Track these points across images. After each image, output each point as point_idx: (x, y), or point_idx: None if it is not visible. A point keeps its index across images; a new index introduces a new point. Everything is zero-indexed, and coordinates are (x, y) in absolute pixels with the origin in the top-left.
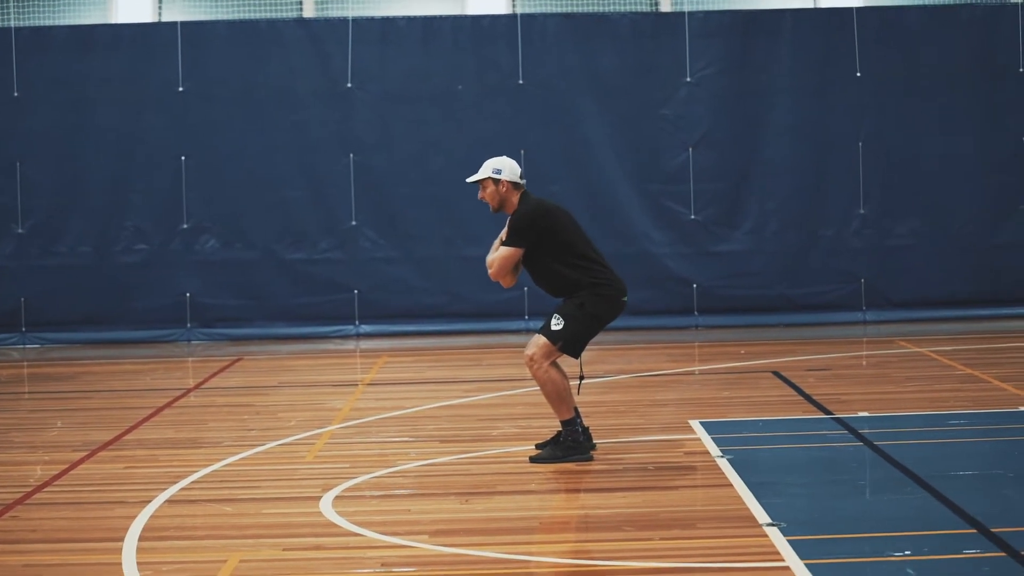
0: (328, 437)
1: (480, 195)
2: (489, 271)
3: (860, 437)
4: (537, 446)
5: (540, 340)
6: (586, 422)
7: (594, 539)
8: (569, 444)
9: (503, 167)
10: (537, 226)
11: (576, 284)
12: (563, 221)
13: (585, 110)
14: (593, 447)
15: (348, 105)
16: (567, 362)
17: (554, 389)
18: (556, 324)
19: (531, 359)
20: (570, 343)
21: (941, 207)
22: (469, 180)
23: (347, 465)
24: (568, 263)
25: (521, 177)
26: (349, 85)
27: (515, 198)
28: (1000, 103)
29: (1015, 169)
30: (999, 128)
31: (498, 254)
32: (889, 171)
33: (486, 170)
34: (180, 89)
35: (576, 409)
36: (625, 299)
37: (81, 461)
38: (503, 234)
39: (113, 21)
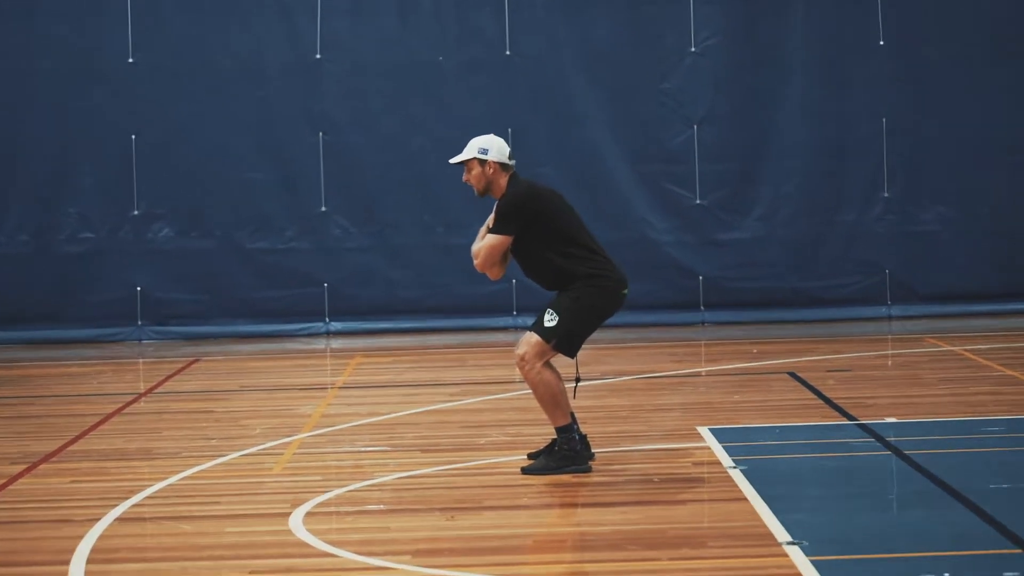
0: (297, 447)
1: (464, 177)
2: (475, 262)
3: (887, 445)
4: (529, 456)
5: (532, 338)
6: (583, 429)
7: (592, 559)
8: (565, 453)
9: (490, 147)
10: (527, 211)
11: (571, 275)
12: (556, 205)
13: (578, 84)
14: (591, 457)
15: (317, 79)
16: (562, 363)
17: (548, 392)
18: (549, 320)
19: (522, 359)
20: (565, 340)
21: (974, 190)
22: (452, 161)
23: (318, 478)
24: (562, 252)
25: (510, 158)
26: (318, 56)
27: (503, 181)
28: None
29: None
30: None
31: (484, 243)
32: (916, 150)
33: (471, 150)
34: (130, 60)
35: (573, 415)
36: (626, 291)
37: (21, 475)
38: (490, 220)
39: None
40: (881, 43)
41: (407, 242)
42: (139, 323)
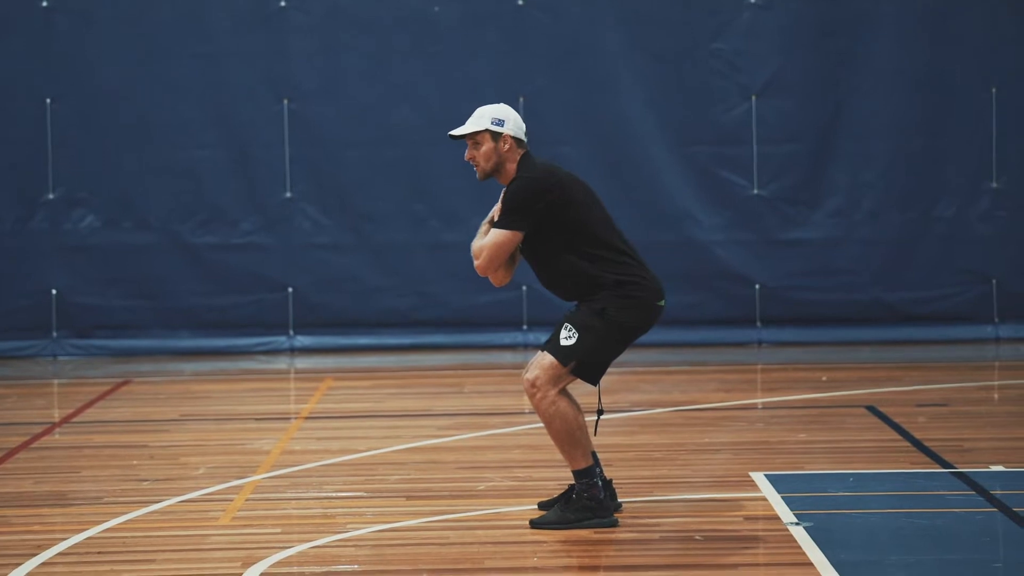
0: (251, 491)
1: (468, 154)
2: (475, 262)
3: (991, 500)
4: (540, 506)
5: (545, 360)
6: (609, 473)
7: None
8: (585, 503)
9: (506, 117)
10: (543, 201)
11: (595, 283)
12: (579, 196)
13: (608, 44)
14: (618, 508)
15: (280, 32)
16: (582, 389)
17: (564, 427)
18: (567, 338)
19: (533, 385)
20: (586, 364)
21: None
22: (456, 133)
23: (277, 530)
24: (584, 253)
25: (525, 134)
26: (283, 4)
27: (515, 162)
28: None
29: None
30: None
31: (487, 240)
32: None
33: (482, 120)
34: (44, 4)
35: (595, 455)
36: (663, 303)
37: None
38: (495, 211)
39: None
40: None
41: (392, 238)
42: (54, 335)
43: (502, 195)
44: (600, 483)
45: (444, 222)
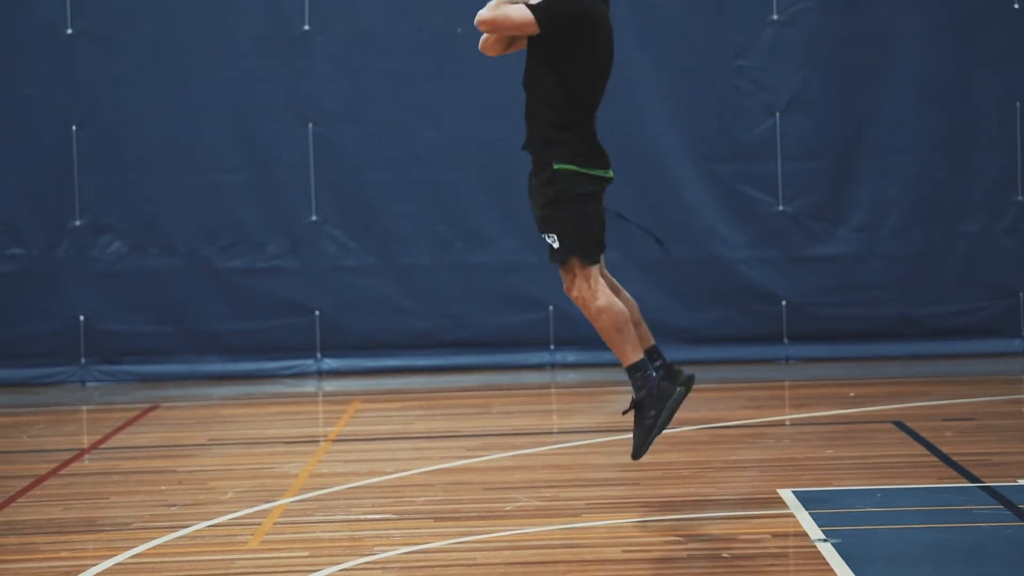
0: (279, 514)
1: None
2: (481, 12)
3: (1020, 514)
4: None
5: (562, 273)
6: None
7: None
8: (648, 402)
9: None
10: (573, 16)
11: (558, 127)
12: (601, 38)
13: (630, 62)
14: (680, 375)
15: (304, 56)
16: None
17: (611, 321)
18: (553, 242)
19: (578, 297)
20: (580, 245)
21: None
22: None
23: (305, 553)
24: (569, 93)
25: None
26: (306, 28)
27: None
28: None
29: None
30: None
31: (507, 7)
32: None
33: None
34: (69, 32)
35: (656, 349)
36: (610, 173)
37: None
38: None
39: None
40: (1016, 5)
41: (417, 260)
42: (82, 361)
43: None
44: (651, 374)
45: (469, 244)
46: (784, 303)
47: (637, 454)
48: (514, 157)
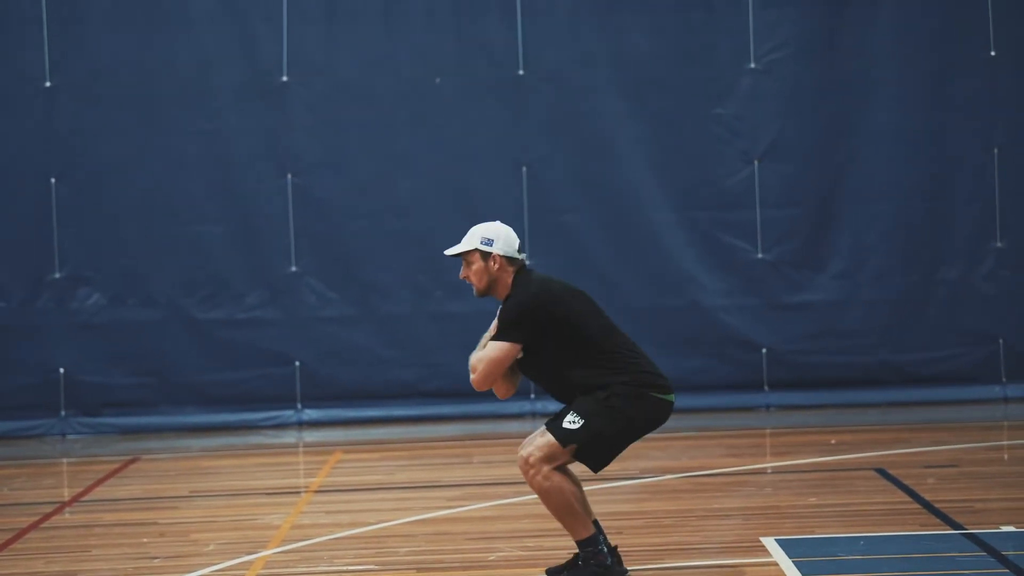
0: (261, 566)
1: (462, 273)
2: (472, 376)
3: (1003, 561)
4: (549, 572)
5: (544, 439)
6: (616, 539)
7: None
8: (593, 570)
9: (495, 236)
10: (540, 317)
11: (600, 388)
12: (577, 308)
13: (609, 111)
14: (625, 574)
15: (283, 107)
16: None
17: (561, 501)
18: (572, 422)
19: (526, 462)
20: (589, 449)
21: None
22: (449, 253)
23: None
24: (587, 365)
25: (520, 251)
26: (285, 79)
27: (509, 278)
28: None
29: None
30: None
31: (484, 352)
32: None
33: (472, 240)
34: (47, 85)
35: (597, 523)
36: (671, 399)
37: None
38: (494, 326)
39: None
40: (992, 53)
41: (397, 310)
42: (62, 414)
43: (499, 312)
44: (605, 550)
45: (449, 292)
46: (764, 351)
47: None
48: (492, 204)
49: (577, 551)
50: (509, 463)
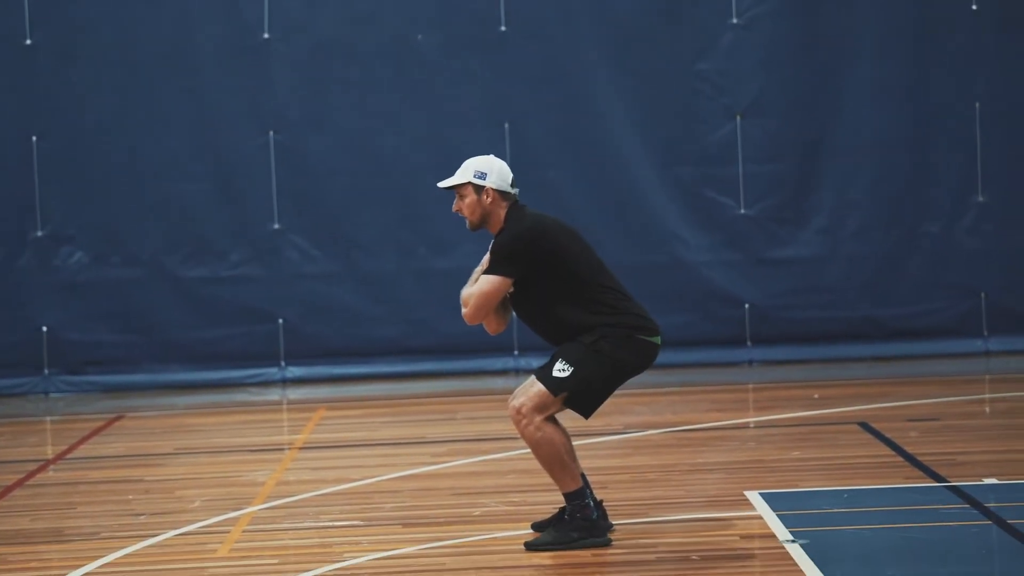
0: (247, 522)
1: (455, 206)
2: (463, 310)
3: (986, 513)
4: (534, 527)
5: (534, 388)
6: (602, 494)
7: None
8: (578, 523)
9: (489, 170)
10: (532, 251)
11: (588, 327)
12: (568, 245)
13: (592, 67)
14: (611, 528)
15: (265, 64)
16: (570, 414)
17: (552, 453)
18: (561, 370)
19: (518, 412)
20: (580, 396)
21: None
22: (442, 185)
23: (275, 561)
24: (576, 301)
25: (513, 185)
26: (266, 36)
27: (502, 212)
28: None
29: None
30: None
31: (475, 287)
32: (1017, 143)
33: (465, 172)
34: (28, 42)
35: (584, 477)
36: (658, 341)
37: None
38: (485, 261)
39: None
40: (974, 7)
41: (381, 267)
42: (45, 372)
43: (491, 245)
44: (591, 503)
45: (432, 249)
46: (747, 306)
47: (533, 547)
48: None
49: (563, 506)
50: (493, 419)
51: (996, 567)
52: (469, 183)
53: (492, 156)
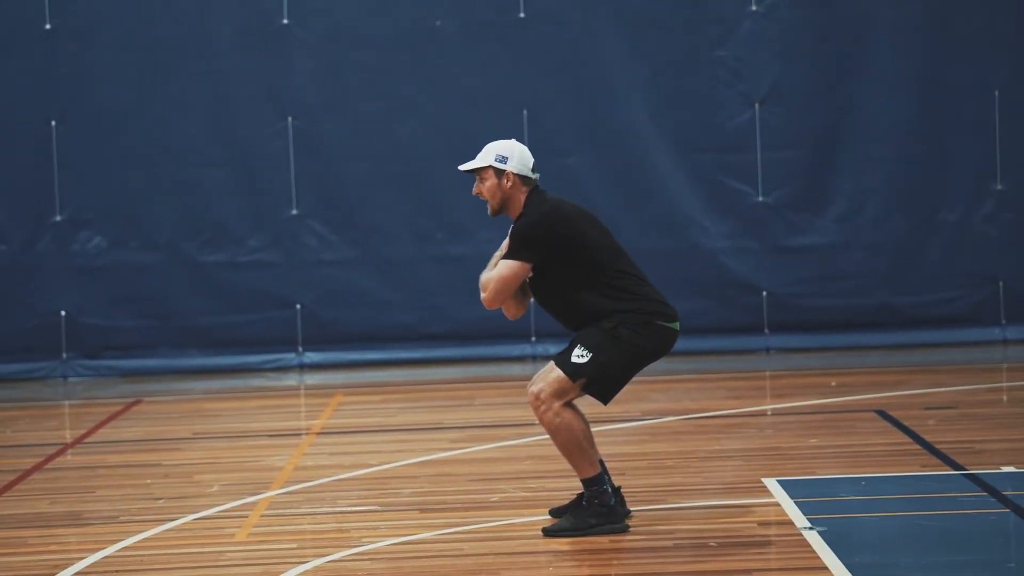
0: (265, 507)
1: (475, 189)
2: (482, 295)
3: (1004, 500)
4: (552, 513)
5: (553, 373)
6: (618, 481)
7: None
8: (596, 510)
9: (510, 154)
10: (551, 236)
11: (607, 312)
12: (587, 230)
13: (610, 54)
14: (628, 514)
15: (284, 50)
16: (588, 401)
17: (571, 439)
18: (580, 356)
19: (536, 398)
20: (598, 382)
21: None
22: (464, 168)
23: (293, 545)
24: (595, 287)
25: (534, 170)
26: (285, 21)
27: (522, 197)
28: None
29: None
30: None
31: (495, 271)
32: None
33: (487, 156)
34: (47, 27)
35: (602, 463)
36: (677, 327)
37: None
38: (505, 245)
39: None
40: None
41: (398, 253)
42: (64, 356)
43: (511, 230)
44: (609, 490)
45: (450, 235)
46: (765, 293)
47: (551, 532)
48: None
49: (580, 492)
50: (511, 405)
51: (1013, 554)
52: (490, 167)
53: (514, 140)
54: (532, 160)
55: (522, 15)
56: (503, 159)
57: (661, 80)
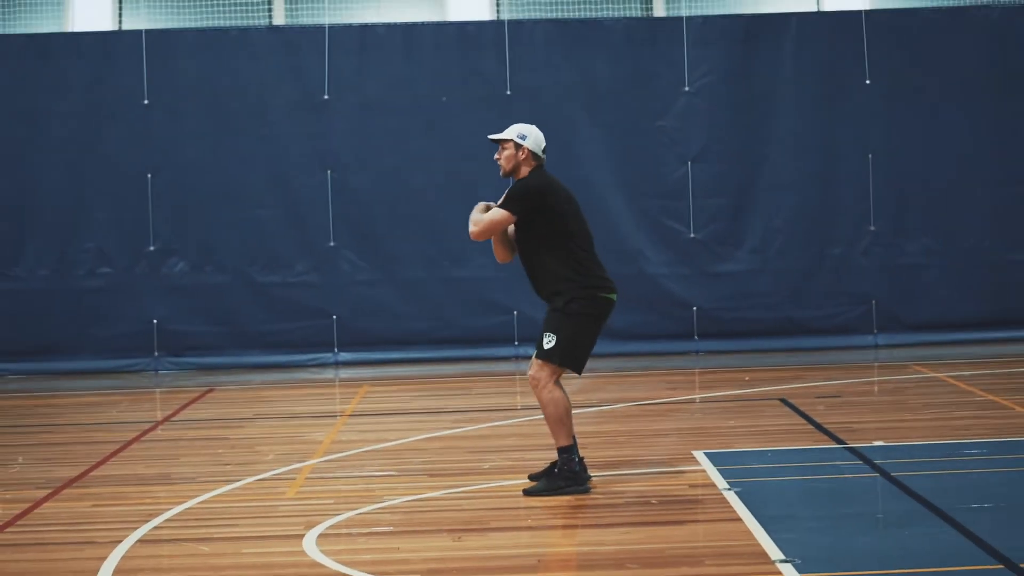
0: (309, 471)
1: (497, 155)
2: (472, 228)
3: (875, 468)
4: (531, 477)
5: (538, 361)
6: (583, 453)
7: None
8: (565, 475)
9: (529, 134)
10: (536, 200)
11: (560, 276)
12: (565, 207)
13: (577, 121)
14: (589, 479)
15: (325, 117)
16: (570, 389)
17: (556, 412)
18: (548, 342)
19: (534, 379)
20: (569, 355)
21: (956, 223)
22: (492, 137)
23: (331, 501)
24: (557, 252)
25: (543, 152)
26: (326, 96)
27: (527, 170)
28: (1018, 111)
29: None
30: (1018, 138)
31: (488, 215)
32: (901, 185)
33: (511, 132)
34: (145, 102)
35: (574, 438)
36: (614, 296)
37: (45, 499)
38: (483, 205)
39: (69, 29)
40: (867, 82)
41: (413, 275)
42: (156, 354)
43: (508, 189)
44: (576, 459)
45: (452, 262)
46: (695, 309)
47: (529, 493)
48: (487, 192)
49: (553, 461)
50: (499, 394)
51: (883, 508)
52: (512, 140)
53: (534, 126)
54: (545, 144)
55: (508, 92)
56: (523, 137)
57: (615, 142)
